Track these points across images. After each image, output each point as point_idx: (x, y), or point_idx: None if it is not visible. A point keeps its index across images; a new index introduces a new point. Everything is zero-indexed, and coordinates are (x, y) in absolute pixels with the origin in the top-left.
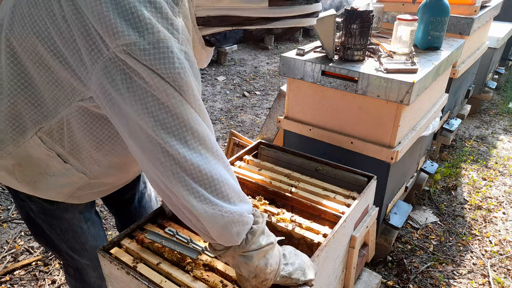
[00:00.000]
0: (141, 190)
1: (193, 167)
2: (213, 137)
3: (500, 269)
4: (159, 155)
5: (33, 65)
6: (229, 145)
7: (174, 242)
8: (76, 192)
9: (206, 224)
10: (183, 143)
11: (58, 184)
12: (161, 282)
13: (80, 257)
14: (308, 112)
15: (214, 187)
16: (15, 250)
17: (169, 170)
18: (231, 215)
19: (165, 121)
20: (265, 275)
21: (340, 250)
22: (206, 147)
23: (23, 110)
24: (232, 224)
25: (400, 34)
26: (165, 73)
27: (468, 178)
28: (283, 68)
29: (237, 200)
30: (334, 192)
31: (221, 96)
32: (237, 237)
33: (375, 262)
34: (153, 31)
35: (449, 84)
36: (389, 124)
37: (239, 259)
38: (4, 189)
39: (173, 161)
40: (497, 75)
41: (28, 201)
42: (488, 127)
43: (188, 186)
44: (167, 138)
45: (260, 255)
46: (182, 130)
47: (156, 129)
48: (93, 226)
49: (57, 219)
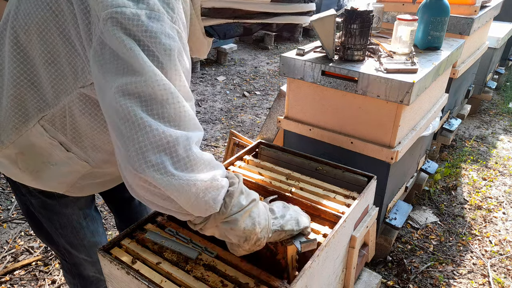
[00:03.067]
0: None
1: (157, 137)
2: (187, 112)
3: (500, 269)
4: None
5: (37, 52)
6: (229, 145)
7: (174, 242)
8: (78, 182)
9: (176, 198)
10: (150, 113)
11: (60, 173)
12: (161, 282)
13: (78, 252)
14: (308, 112)
15: (178, 157)
16: (15, 250)
17: (131, 139)
18: (200, 182)
19: (141, 94)
20: (256, 235)
21: (340, 250)
22: (175, 120)
23: (26, 98)
24: (205, 191)
25: (400, 34)
26: (152, 46)
27: (468, 178)
28: (283, 68)
29: (206, 167)
30: (334, 192)
31: (221, 96)
32: (213, 203)
33: (375, 262)
34: (148, 2)
35: (449, 84)
36: (389, 124)
37: (223, 227)
38: (4, 189)
39: (137, 130)
40: (497, 75)
41: (28, 196)
42: (488, 127)
43: (149, 158)
44: (134, 106)
45: (245, 216)
46: (152, 102)
47: (127, 101)
48: (92, 222)
49: (57, 214)
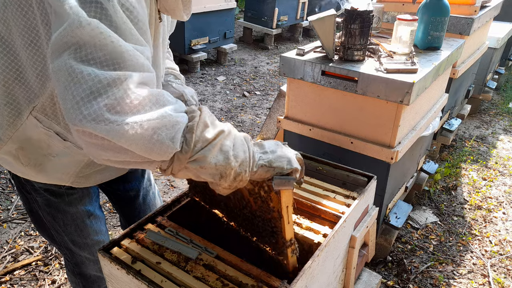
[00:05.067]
0: (146, 188)
1: (90, 83)
2: (127, 51)
3: (500, 269)
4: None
5: (18, 40)
6: None
7: (174, 242)
8: (82, 171)
9: (128, 146)
10: (81, 60)
11: (62, 164)
12: (161, 282)
13: (81, 250)
14: (308, 112)
15: (117, 100)
16: (15, 250)
17: (66, 94)
18: (146, 122)
19: (69, 42)
20: (234, 170)
21: (340, 250)
22: (111, 60)
23: (16, 91)
24: (156, 131)
25: (400, 34)
26: None
27: (468, 178)
28: (283, 68)
29: (154, 105)
30: (334, 192)
31: (221, 96)
32: (171, 142)
33: (375, 262)
34: None
35: (449, 84)
36: (389, 124)
37: (192, 167)
38: (4, 189)
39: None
40: (497, 75)
41: (34, 193)
42: (488, 127)
43: (85, 107)
44: (64, 57)
45: (214, 151)
46: (82, 48)
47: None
48: (96, 221)
49: (61, 212)
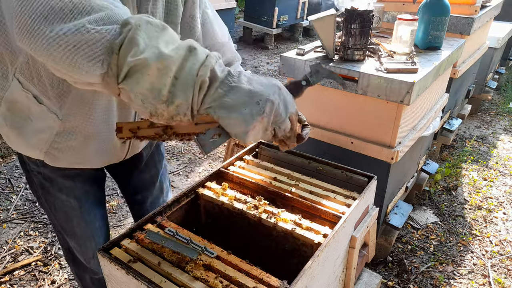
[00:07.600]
0: (156, 195)
1: None
2: None
3: (501, 269)
4: None
5: None
6: (229, 145)
7: (174, 242)
8: (55, 140)
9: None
10: None
11: (37, 128)
12: (161, 282)
13: (70, 238)
14: (308, 112)
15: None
16: (15, 250)
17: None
18: (64, 37)
19: None
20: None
21: (340, 250)
22: None
23: (3, 53)
24: (76, 50)
25: (400, 34)
26: None
27: (468, 178)
28: (283, 68)
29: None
30: (334, 192)
31: None
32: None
33: (376, 262)
34: None
35: (449, 84)
36: (390, 124)
37: (124, 97)
38: (3, 189)
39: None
40: (497, 75)
41: (31, 173)
42: (488, 127)
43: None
44: None
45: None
46: None
47: None
48: (88, 214)
49: (52, 196)
